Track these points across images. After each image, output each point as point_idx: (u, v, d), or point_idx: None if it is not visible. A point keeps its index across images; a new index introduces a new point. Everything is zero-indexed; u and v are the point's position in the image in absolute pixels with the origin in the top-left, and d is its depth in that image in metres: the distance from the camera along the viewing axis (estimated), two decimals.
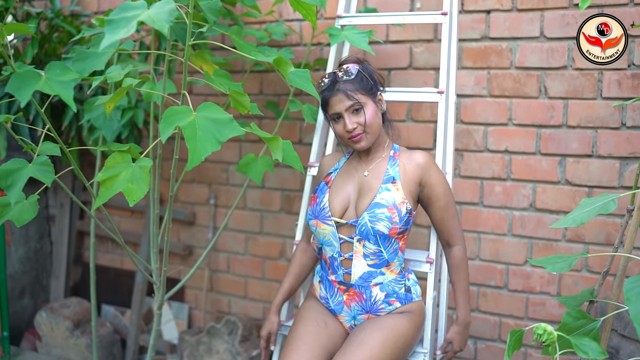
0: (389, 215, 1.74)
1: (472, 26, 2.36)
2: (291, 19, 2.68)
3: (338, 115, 1.79)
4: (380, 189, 1.80)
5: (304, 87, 1.42)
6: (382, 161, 1.87)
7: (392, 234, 1.76)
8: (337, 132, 1.83)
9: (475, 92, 2.38)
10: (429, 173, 1.82)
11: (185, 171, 1.27)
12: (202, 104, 1.41)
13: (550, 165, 2.29)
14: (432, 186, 1.82)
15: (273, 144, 1.55)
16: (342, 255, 1.82)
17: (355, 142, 1.80)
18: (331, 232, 1.82)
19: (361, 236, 1.78)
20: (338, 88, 1.78)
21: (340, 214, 1.83)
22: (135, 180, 1.43)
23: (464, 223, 2.45)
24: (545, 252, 2.32)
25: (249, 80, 2.80)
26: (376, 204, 1.77)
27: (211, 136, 1.34)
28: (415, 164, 1.82)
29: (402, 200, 1.77)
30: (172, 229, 3.13)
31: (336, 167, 1.97)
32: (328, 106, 1.82)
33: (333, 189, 1.88)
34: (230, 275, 3.00)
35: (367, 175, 1.86)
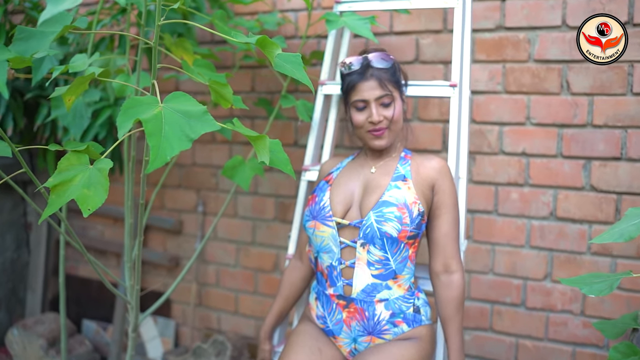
0: (399, 215, 1.55)
1: (485, 15, 2.13)
2: (286, 9, 2.45)
3: (364, 104, 1.64)
4: (389, 187, 1.61)
5: (294, 74, 1.18)
6: (392, 160, 1.70)
7: (402, 238, 1.56)
8: (356, 122, 1.66)
9: (489, 88, 2.15)
10: (443, 179, 1.64)
11: (144, 174, 1.04)
12: (172, 94, 1.18)
13: (573, 169, 2.05)
14: (445, 194, 1.63)
15: (259, 144, 1.31)
16: (343, 262, 1.60)
17: (376, 136, 1.65)
18: (331, 234, 1.60)
19: (365, 240, 1.57)
20: (371, 74, 1.64)
21: (342, 214, 1.63)
22: (92, 185, 1.19)
23: (476, 233, 2.21)
24: (568, 266, 2.08)
25: (240, 76, 2.57)
26: (384, 202, 1.58)
27: (180, 132, 1.10)
28: (430, 166, 1.66)
29: (414, 199, 1.59)
30: (157, 238, 2.89)
31: (339, 166, 1.78)
32: (354, 91, 1.65)
33: (335, 187, 1.68)
34: (219, 290, 2.76)
35: (374, 171, 1.67)
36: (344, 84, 1.69)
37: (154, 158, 1.05)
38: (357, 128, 1.67)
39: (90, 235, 3.09)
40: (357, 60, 1.66)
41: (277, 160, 1.38)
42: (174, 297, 2.86)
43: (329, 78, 1.91)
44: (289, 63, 1.20)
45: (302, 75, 1.19)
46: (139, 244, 1.59)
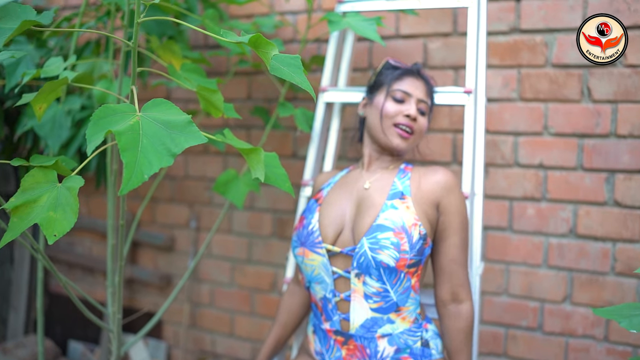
0: (396, 242, 1.36)
1: (498, 17, 1.97)
2: (284, 11, 2.29)
3: (404, 97, 1.52)
4: (385, 207, 1.42)
5: (292, 78, 1.02)
6: (389, 173, 1.53)
7: (401, 267, 1.37)
8: (388, 110, 1.51)
9: (502, 96, 1.99)
10: (449, 196, 1.46)
11: (121, 194, 0.87)
12: (151, 101, 1.02)
13: (595, 183, 1.89)
14: (451, 214, 1.45)
15: (252, 158, 1.16)
16: (337, 295, 1.43)
17: (401, 134, 1.50)
18: (322, 263, 1.43)
19: (360, 270, 1.38)
20: (422, 76, 1.58)
21: (333, 238, 1.44)
22: (59, 206, 1.03)
23: (490, 251, 2.05)
24: (590, 287, 1.92)
25: (235, 83, 2.41)
26: (379, 226, 1.38)
27: (160, 146, 0.94)
28: (434, 180, 1.47)
29: (414, 221, 1.40)
30: (148, 255, 2.72)
31: (330, 181, 1.60)
32: (399, 81, 1.54)
33: (324, 207, 1.50)
34: (214, 310, 2.59)
35: (368, 187, 1.49)
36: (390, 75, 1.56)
37: (129, 177, 0.89)
38: (384, 118, 1.51)
39: (77, 251, 2.92)
40: (413, 64, 1.61)
41: (273, 176, 1.22)
42: (165, 317, 2.69)
43: (330, 84, 1.75)
44: (286, 66, 1.04)
45: (301, 79, 1.03)
46: (120, 269, 1.42)
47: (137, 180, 0.89)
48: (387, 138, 1.51)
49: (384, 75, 1.57)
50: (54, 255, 2.92)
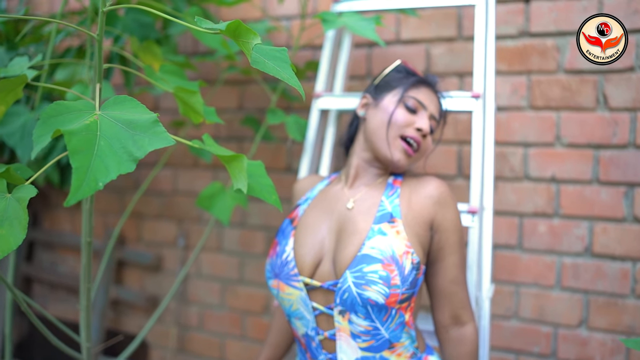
0: (385, 275, 1.17)
1: (506, 20, 1.84)
2: (278, 16, 2.17)
3: (418, 107, 1.34)
4: (371, 232, 1.23)
5: (276, 72, 0.88)
6: (376, 189, 1.34)
7: (391, 304, 1.18)
8: (398, 118, 1.31)
9: (511, 104, 1.85)
10: (444, 211, 1.28)
11: (67, 205, 0.73)
12: (114, 98, 0.88)
13: (612, 198, 1.75)
14: (448, 232, 1.28)
15: (234, 166, 1.01)
16: (321, 333, 1.25)
17: (406, 149, 1.32)
18: (300, 298, 1.25)
19: (344, 307, 1.20)
20: (437, 93, 1.40)
21: (311, 269, 1.26)
22: (6, 220, 0.88)
23: (498, 271, 1.90)
24: (607, 310, 1.76)
25: (226, 93, 2.27)
26: (364, 256, 1.19)
27: (120, 149, 0.80)
28: (426, 195, 1.29)
29: (406, 249, 1.21)
30: (134, 275, 2.57)
31: (307, 196, 1.41)
32: (416, 89, 1.35)
33: (300, 231, 1.32)
34: (203, 334, 2.43)
35: (351, 208, 1.30)
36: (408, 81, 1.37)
37: (79, 185, 0.74)
38: (392, 125, 1.31)
39: (60, 271, 2.76)
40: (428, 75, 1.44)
41: (258, 187, 1.07)
42: (151, 341, 2.53)
43: (325, 90, 1.62)
44: (271, 59, 0.90)
45: (288, 74, 0.89)
46: (87, 291, 1.27)
47: (89, 188, 0.75)
48: (389, 150, 1.31)
49: (396, 77, 1.39)
50: (36, 275, 2.76)
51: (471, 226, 1.38)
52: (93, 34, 1.00)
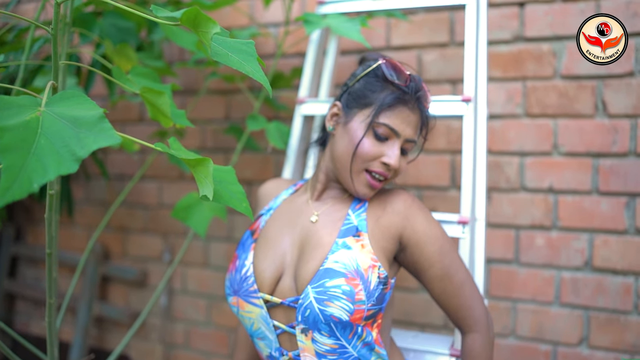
0: (349, 290, 1.08)
1: (500, 24, 1.77)
2: (266, 23, 2.10)
3: (389, 135, 1.17)
4: (335, 246, 1.14)
5: (240, 66, 0.80)
6: (342, 202, 1.24)
7: (356, 320, 1.09)
8: (366, 149, 1.17)
9: (506, 111, 1.78)
10: (412, 225, 1.18)
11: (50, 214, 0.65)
12: (60, 93, 0.80)
13: (613, 209, 1.66)
14: (419, 245, 1.18)
15: (199, 171, 0.93)
16: (285, 354, 1.16)
17: (371, 184, 1.19)
18: (260, 316, 1.16)
19: (306, 325, 1.11)
20: (419, 107, 1.21)
21: (271, 286, 1.17)
22: None
23: (494, 287, 1.81)
24: (609, 328, 1.67)
25: (213, 103, 2.20)
26: (327, 270, 1.10)
27: (63, 147, 0.72)
28: (393, 210, 1.19)
29: (372, 263, 1.12)
30: (118, 291, 2.48)
31: (270, 205, 1.32)
32: (390, 112, 1.17)
33: (260, 244, 1.23)
34: (189, 352, 2.33)
35: (315, 221, 1.21)
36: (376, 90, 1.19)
37: (8, 185, 0.66)
38: (357, 157, 1.18)
39: (44, 287, 2.67)
40: (411, 78, 1.21)
41: (227, 194, 0.99)
42: (136, 359, 2.44)
43: (310, 95, 1.54)
44: (235, 52, 0.83)
45: (253, 68, 0.82)
46: (49, 307, 1.19)
47: (21, 190, 0.67)
48: (353, 183, 1.20)
49: (371, 87, 1.21)
50: (19, 292, 2.67)
51: (462, 237, 1.29)
52: (47, 27, 0.93)
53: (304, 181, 1.36)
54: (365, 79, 1.21)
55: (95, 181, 2.50)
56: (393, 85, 1.18)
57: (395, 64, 1.20)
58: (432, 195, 1.87)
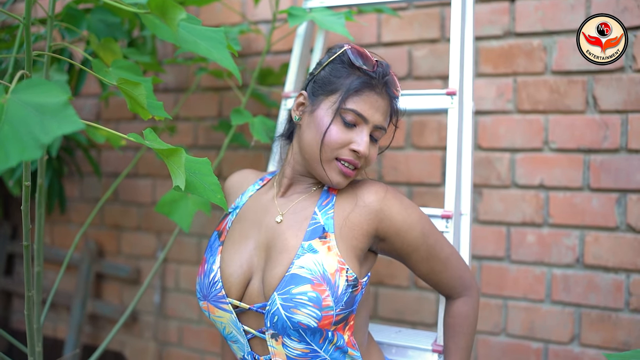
0: (315, 297, 1.04)
1: (490, 19, 1.76)
2: (257, 21, 2.10)
3: (357, 121, 1.12)
4: (301, 250, 1.09)
5: (208, 53, 0.80)
6: (310, 198, 1.18)
7: (325, 326, 1.06)
8: (334, 137, 1.11)
9: (497, 107, 1.77)
10: (388, 218, 1.12)
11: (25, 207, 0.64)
12: (27, 80, 0.80)
13: (604, 205, 1.65)
14: (400, 234, 1.13)
15: (172, 161, 0.93)
16: (257, 358, 1.14)
17: (345, 170, 1.13)
18: (231, 321, 1.13)
19: (275, 330, 1.08)
20: (388, 92, 1.15)
21: (239, 290, 1.14)
22: None
23: (485, 285, 1.80)
24: (601, 326, 1.65)
25: (205, 101, 2.20)
26: (293, 277, 1.06)
27: (27, 134, 0.72)
28: (364, 205, 1.13)
29: (339, 266, 1.07)
30: (112, 289, 2.48)
31: (237, 203, 1.27)
32: (357, 97, 1.12)
33: (227, 247, 1.19)
34: (182, 349, 2.33)
35: (280, 221, 1.16)
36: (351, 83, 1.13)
37: None
38: (325, 146, 1.12)
39: None
40: (378, 64, 1.15)
41: (201, 185, 0.98)
42: (130, 356, 2.44)
43: (294, 90, 1.53)
44: (205, 39, 0.82)
45: (222, 55, 0.81)
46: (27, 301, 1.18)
47: None
48: (326, 173, 1.14)
49: (337, 73, 1.15)
50: (15, 290, 2.68)
51: (445, 231, 1.28)
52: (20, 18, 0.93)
53: (271, 175, 1.31)
54: (331, 66, 1.16)
55: (89, 179, 2.51)
56: (359, 71, 1.13)
57: (361, 49, 1.16)
58: (423, 191, 1.86)
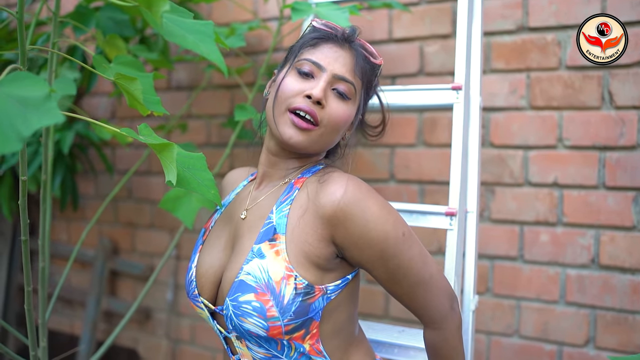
0: (259, 306, 0.98)
1: (503, 14, 1.72)
2: (268, 18, 2.09)
3: (312, 70, 1.06)
4: (250, 254, 1.02)
5: (195, 46, 0.79)
6: (275, 193, 1.10)
7: (276, 335, 1.00)
8: (286, 87, 1.06)
9: (510, 104, 1.73)
10: (344, 225, 1.00)
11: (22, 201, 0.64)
12: (14, 73, 0.79)
13: (620, 204, 1.60)
14: (357, 247, 1.01)
15: (164, 156, 0.92)
16: (232, 356, 1.12)
17: (297, 121, 1.04)
18: (208, 319, 1.11)
19: (237, 333, 1.04)
20: (350, 45, 1.10)
21: (211, 290, 1.11)
22: None
23: (497, 285, 1.76)
24: (617, 328, 1.61)
25: (218, 98, 2.20)
26: (240, 284, 1.01)
27: (9, 127, 0.71)
28: (320, 206, 1.01)
29: (286, 273, 0.99)
30: (126, 286, 2.50)
31: (226, 200, 1.23)
32: (311, 48, 1.08)
33: (206, 246, 1.17)
34: (195, 347, 2.33)
35: (244, 218, 1.11)
36: (303, 41, 1.11)
37: None
38: (278, 98, 1.06)
39: (56, 281, 2.70)
40: (339, 27, 1.13)
41: (195, 181, 0.97)
42: (143, 354, 2.45)
43: None
44: (192, 32, 0.81)
45: (209, 49, 0.80)
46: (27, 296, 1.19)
47: None
48: (277, 127, 1.06)
49: (300, 41, 1.13)
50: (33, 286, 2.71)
51: (449, 229, 1.25)
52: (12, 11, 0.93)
53: None
54: (300, 42, 1.13)
55: (104, 176, 2.52)
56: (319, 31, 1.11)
57: (329, 22, 1.14)
58: (434, 189, 1.83)
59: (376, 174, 1.91)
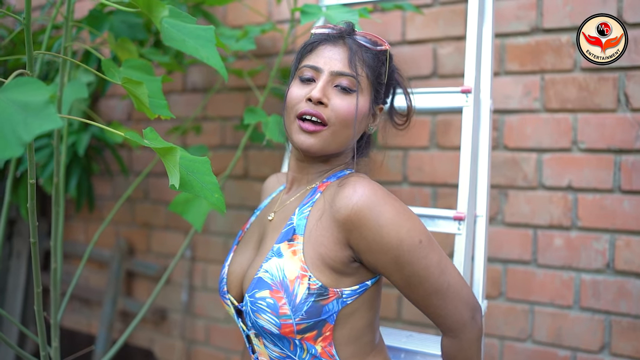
0: (273, 303, 1.01)
1: (517, 15, 1.71)
2: (281, 20, 2.09)
3: (313, 74, 1.09)
4: (270, 253, 1.06)
5: (194, 51, 0.79)
6: (300, 197, 1.13)
7: (288, 334, 1.02)
8: (291, 97, 1.09)
9: (523, 106, 1.71)
10: (358, 230, 1.00)
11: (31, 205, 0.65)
12: (17, 79, 0.80)
13: (636, 208, 1.57)
14: (372, 252, 1.01)
15: (168, 160, 0.93)
16: (253, 354, 1.15)
17: (304, 126, 1.06)
18: (233, 316, 1.14)
19: (255, 331, 1.07)
20: (344, 41, 1.10)
21: (238, 287, 1.14)
22: None
23: (510, 289, 1.74)
24: (632, 334, 1.58)
25: (232, 101, 2.20)
26: (259, 280, 1.04)
27: (10, 133, 0.72)
28: (336, 209, 1.02)
29: (301, 273, 1.01)
30: (142, 286, 2.52)
31: (264, 202, 1.29)
32: (309, 54, 1.11)
33: (241, 245, 1.21)
34: (209, 348, 2.34)
35: (271, 219, 1.16)
36: (303, 48, 1.15)
37: None
38: (287, 109, 1.10)
39: None
40: (335, 27, 1.15)
41: (198, 184, 0.97)
42: (158, 354, 2.47)
43: None
44: (192, 37, 0.81)
45: (209, 53, 0.80)
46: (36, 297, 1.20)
47: None
48: (291, 136, 1.09)
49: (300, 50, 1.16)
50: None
51: (458, 233, 1.24)
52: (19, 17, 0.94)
53: None
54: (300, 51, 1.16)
55: (121, 178, 2.55)
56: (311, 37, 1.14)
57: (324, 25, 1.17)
58: (447, 192, 1.82)
59: (389, 176, 1.90)
